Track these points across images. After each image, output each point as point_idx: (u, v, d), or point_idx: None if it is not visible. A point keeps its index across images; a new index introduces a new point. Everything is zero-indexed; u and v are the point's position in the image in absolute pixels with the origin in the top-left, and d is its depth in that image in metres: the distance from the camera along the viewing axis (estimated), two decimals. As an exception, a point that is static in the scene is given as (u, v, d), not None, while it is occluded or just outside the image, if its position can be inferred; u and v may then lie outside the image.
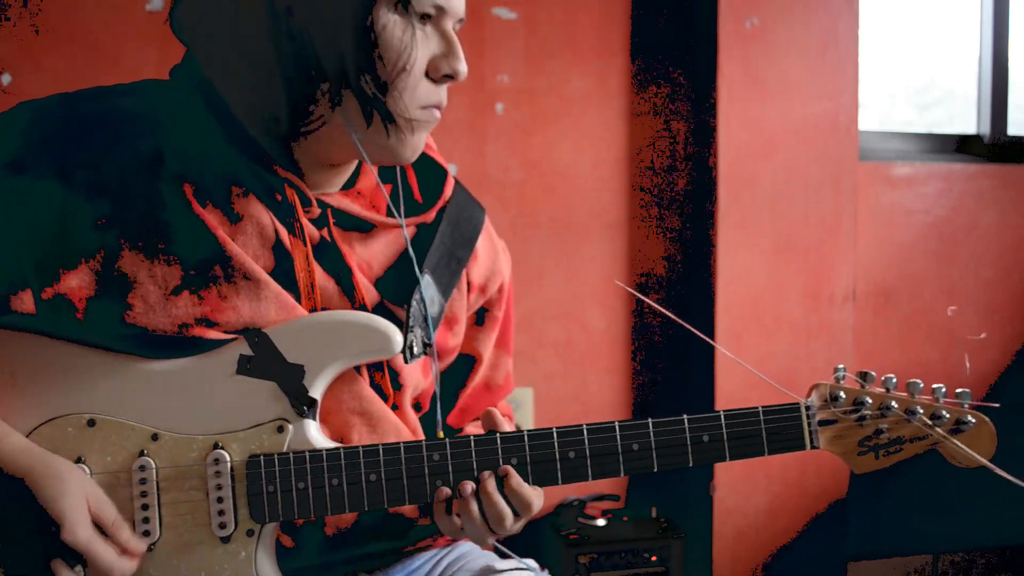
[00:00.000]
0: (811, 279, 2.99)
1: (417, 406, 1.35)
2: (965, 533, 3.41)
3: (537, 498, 1.20)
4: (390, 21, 1.12)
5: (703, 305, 2.97)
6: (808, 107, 2.95)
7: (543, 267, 2.99)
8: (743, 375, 2.85)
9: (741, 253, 2.92)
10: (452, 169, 2.77)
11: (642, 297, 2.01)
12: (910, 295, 3.28)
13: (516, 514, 1.20)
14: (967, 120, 3.56)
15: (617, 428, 1.20)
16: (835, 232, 2.99)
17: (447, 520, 1.21)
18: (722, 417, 1.22)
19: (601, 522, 2.85)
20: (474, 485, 1.18)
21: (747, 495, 2.98)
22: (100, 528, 1.10)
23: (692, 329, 1.38)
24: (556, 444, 1.19)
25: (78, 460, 1.13)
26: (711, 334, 2.90)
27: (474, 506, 1.18)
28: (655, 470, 1.20)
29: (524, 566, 1.39)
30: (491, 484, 1.18)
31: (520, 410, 2.95)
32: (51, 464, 1.09)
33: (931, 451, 1.30)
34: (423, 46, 1.15)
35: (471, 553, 1.43)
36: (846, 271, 3.01)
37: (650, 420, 1.20)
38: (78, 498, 1.07)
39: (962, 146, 3.49)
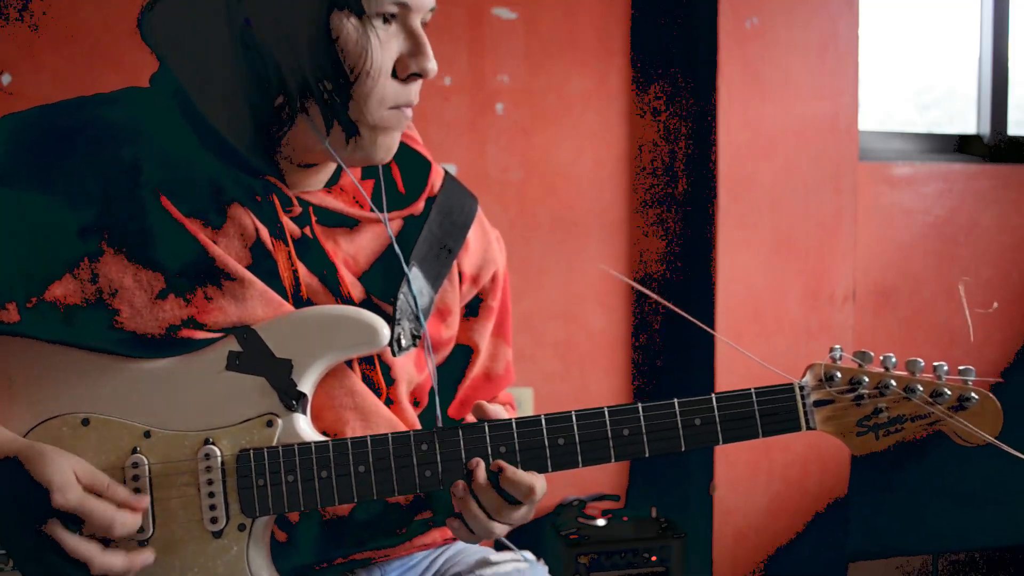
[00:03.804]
0: (811, 279, 2.98)
1: (415, 402, 1.36)
2: (965, 533, 3.40)
3: (538, 481, 1.19)
4: (346, 26, 1.12)
5: (703, 305, 2.96)
6: (808, 107, 2.95)
7: (543, 267, 2.99)
8: (743, 373, 2.85)
9: (741, 253, 2.92)
10: (452, 169, 2.80)
11: (630, 282, 2.01)
12: (910, 295, 3.28)
13: (518, 502, 1.19)
14: (967, 120, 3.56)
15: (607, 414, 1.19)
16: (835, 232, 2.99)
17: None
18: (714, 400, 1.21)
19: (601, 522, 2.85)
20: (466, 484, 1.18)
21: (747, 495, 2.98)
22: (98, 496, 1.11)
23: (690, 318, 1.38)
24: (545, 431, 1.19)
25: (74, 457, 1.14)
26: (711, 335, 2.89)
27: (472, 502, 1.19)
28: (647, 455, 1.20)
29: (520, 557, 1.39)
30: (481, 475, 1.18)
31: (520, 410, 2.94)
32: (37, 445, 1.11)
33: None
34: (386, 47, 1.15)
35: (468, 548, 1.44)
36: (846, 271, 3.01)
37: (640, 404, 1.20)
38: (64, 466, 1.08)
39: (962, 146, 3.49)
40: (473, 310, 1.43)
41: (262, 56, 1.12)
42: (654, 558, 2.74)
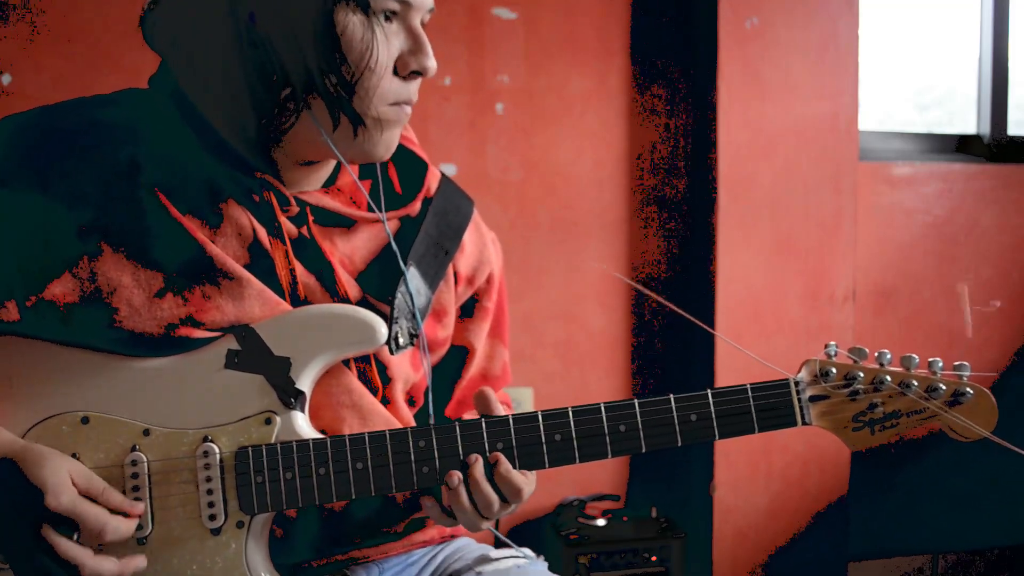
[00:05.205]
0: (811, 279, 2.98)
1: (411, 401, 1.36)
2: (965, 533, 3.40)
3: (527, 485, 1.20)
4: (351, 22, 1.13)
5: (703, 305, 2.96)
6: (808, 107, 2.95)
7: (543, 267, 2.99)
8: (744, 372, 2.84)
9: (741, 253, 2.92)
10: (452, 169, 2.80)
11: (631, 282, 2.02)
12: (910, 295, 3.28)
13: (505, 500, 1.20)
14: (967, 120, 3.56)
15: (603, 410, 1.20)
16: (835, 232, 2.99)
17: (437, 511, 1.23)
18: (709, 395, 1.22)
19: (601, 522, 2.85)
20: (461, 475, 1.18)
21: (747, 495, 2.98)
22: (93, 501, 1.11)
23: (688, 316, 1.38)
24: (542, 427, 1.20)
25: (73, 456, 1.14)
26: (710, 335, 2.90)
27: (463, 495, 1.19)
28: (643, 451, 1.20)
29: (520, 554, 1.39)
30: (478, 471, 1.18)
31: (520, 410, 2.94)
32: (35, 447, 1.11)
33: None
34: (388, 44, 1.16)
35: (468, 546, 1.45)
36: (846, 271, 3.01)
37: (636, 400, 1.21)
38: (59, 468, 1.09)
39: (962, 146, 3.49)
40: (468, 311, 1.44)
41: (266, 51, 1.13)
42: (654, 558, 2.74)
